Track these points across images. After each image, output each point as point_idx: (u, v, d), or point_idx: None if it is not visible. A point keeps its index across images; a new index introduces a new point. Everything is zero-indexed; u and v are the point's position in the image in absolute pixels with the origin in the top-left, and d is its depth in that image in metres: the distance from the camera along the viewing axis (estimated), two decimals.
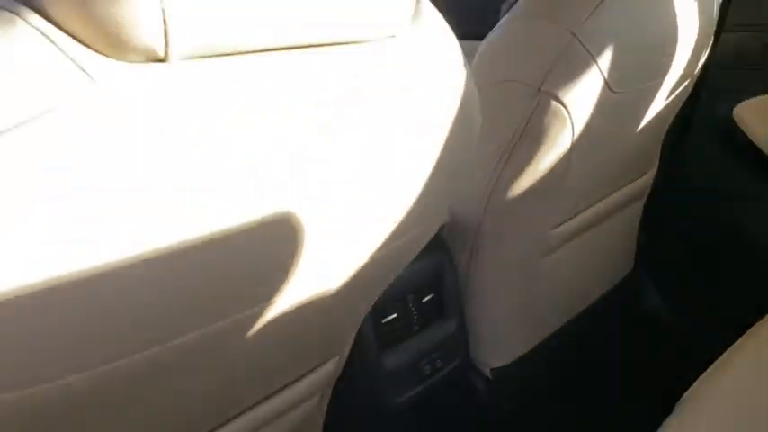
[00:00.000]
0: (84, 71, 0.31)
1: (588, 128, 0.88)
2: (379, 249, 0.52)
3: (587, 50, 0.83)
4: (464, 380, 1.06)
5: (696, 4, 1.00)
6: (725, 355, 0.88)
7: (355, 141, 0.43)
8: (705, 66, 1.19)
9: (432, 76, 0.47)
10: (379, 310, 0.89)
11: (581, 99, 0.85)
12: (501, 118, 0.88)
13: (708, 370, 0.86)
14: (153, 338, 0.39)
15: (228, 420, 0.61)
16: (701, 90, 1.29)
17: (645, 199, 1.28)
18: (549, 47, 0.83)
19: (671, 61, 0.97)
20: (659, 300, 1.40)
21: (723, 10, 1.27)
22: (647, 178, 1.24)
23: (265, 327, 0.48)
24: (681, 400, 0.82)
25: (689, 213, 1.38)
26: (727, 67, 1.30)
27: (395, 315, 0.91)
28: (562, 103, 0.84)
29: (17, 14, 0.31)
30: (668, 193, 1.35)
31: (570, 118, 0.85)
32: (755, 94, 1.28)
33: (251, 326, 0.47)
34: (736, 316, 0.99)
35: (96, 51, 0.31)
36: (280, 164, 0.38)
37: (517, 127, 0.87)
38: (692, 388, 0.83)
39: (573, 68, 0.83)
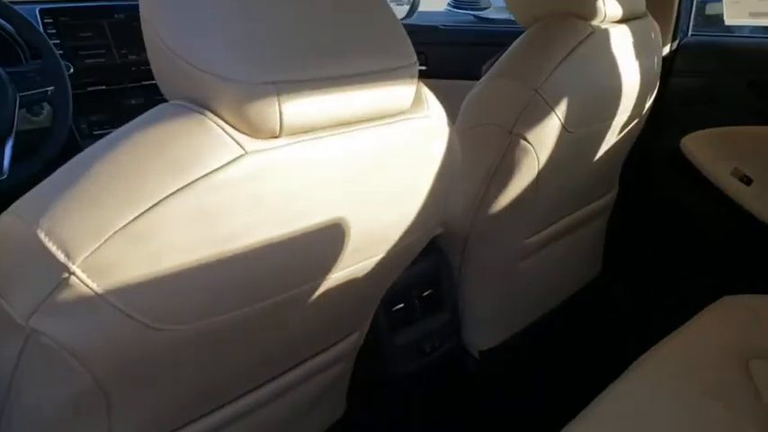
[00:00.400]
0: (238, 144, 0.57)
1: (550, 160, 1.15)
2: (393, 247, 0.78)
3: (546, 102, 1.09)
4: (457, 359, 1.32)
5: (639, 59, 1.27)
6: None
7: (381, 179, 0.69)
8: (655, 105, 1.46)
9: (428, 138, 0.74)
10: (389, 301, 1.15)
11: (543, 138, 1.12)
12: (483, 152, 1.15)
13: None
14: (258, 296, 0.66)
15: (281, 374, 0.87)
16: (655, 125, 1.56)
17: (608, 214, 1.55)
18: (517, 100, 1.11)
19: (618, 106, 1.24)
20: (624, 295, 1.66)
21: (670, 59, 1.55)
22: (609, 198, 1.50)
23: (314, 299, 0.75)
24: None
25: (647, 225, 1.65)
26: (675, 106, 1.57)
27: (402, 305, 1.17)
28: (529, 142, 1.11)
29: (202, 113, 0.58)
30: (630, 209, 1.62)
31: (536, 153, 1.12)
32: (699, 129, 1.55)
33: (305, 298, 0.73)
34: (687, 306, 1.24)
35: (243, 132, 0.58)
36: (341, 199, 0.65)
37: (495, 159, 1.14)
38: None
39: (536, 115, 1.10)
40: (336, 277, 0.73)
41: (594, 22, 1.16)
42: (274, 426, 0.92)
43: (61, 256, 0.53)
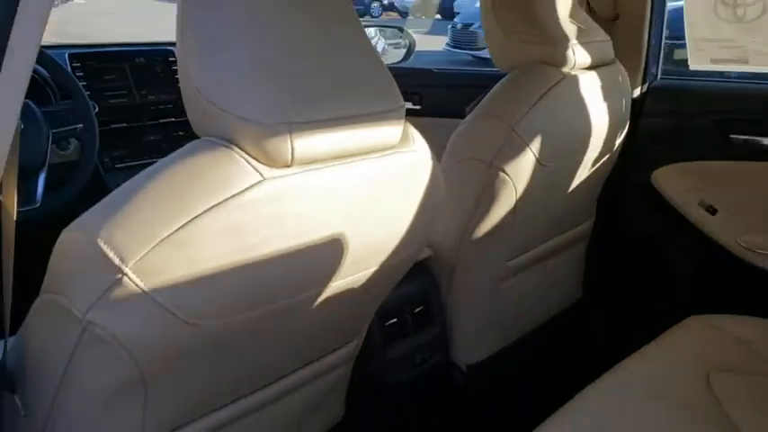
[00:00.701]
0: (258, 172, 0.71)
1: (527, 190, 1.29)
2: (386, 261, 0.92)
3: (522, 138, 1.24)
4: (447, 372, 1.44)
5: (607, 101, 1.42)
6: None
7: (375, 203, 0.83)
8: (627, 142, 1.61)
9: (415, 172, 0.88)
10: (384, 316, 1.28)
11: (520, 171, 1.26)
12: (467, 183, 1.29)
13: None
14: (273, 298, 0.79)
15: (288, 374, 0.99)
16: (627, 161, 1.71)
17: (586, 242, 1.68)
18: (496, 136, 1.25)
19: (589, 142, 1.38)
20: (602, 317, 1.79)
21: (640, 101, 1.71)
22: (586, 227, 1.64)
23: (319, 304, 0.88)
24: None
25: (622, 253, 1.78)
26: (646, 143, 1.72)
27: (395, 319, 1.30)
28: (507, 174, 1.25)
29: (229, 147, 0.72)
30: (606, 238, 1.76)
31: (513, 183, 1.26)
32: (668, 164, 1.69)
33: (311, 302, 0.86)
34: (659, 326, 1.36)
35: (261, 163, 0.72)
36: (341, 219, 0.79)
37: (478, 190, 1.28)
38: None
39: (513, 150, 1.24)
40: (337, 285, 0.87)
41: (565, 69, 1.31)
42: (280, 424, 1.04)
43: (116, 260, 0.66)
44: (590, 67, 1.38)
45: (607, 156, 1.50)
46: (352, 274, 0.88)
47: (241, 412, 0.94)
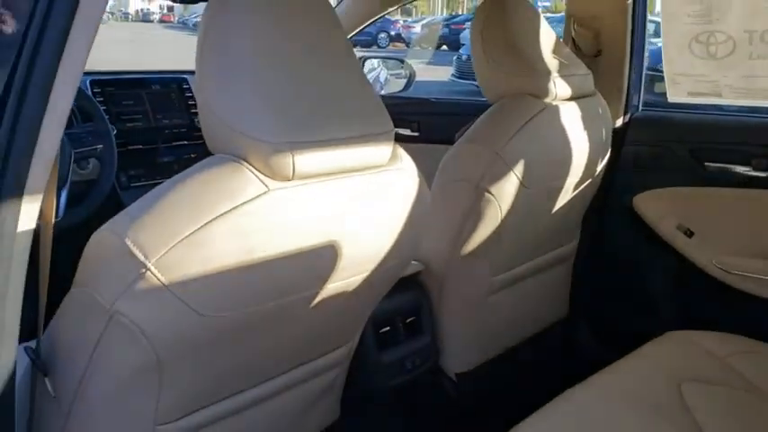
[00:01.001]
0: (264, 183, 0.82)
1: (511, 210, 1.40)
2: (375, 269, 1.02)
3: (506, 162, 1.35)
4: (437, 380, 1.54)
5: (588, 130, 1.53)
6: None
7: (367, 220, 0.94)
8: (610, 169, 1.72)
9: (402, 188, 0.99)
10: (377, 324, 1.38)
11: (504, 192, 1.37)
12: (455, 203, 1.40)
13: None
14: (274, 295, 0.90)
15: (287, 371, 1.09)
16: (611, 186, 1.82)
17: (572, 262, 1.79)
18: (482, 160, 1.36)
19: (570, 168, 1.49)
20: (588, 335, 1.88)
21: (623, 130, 1.82)
22: (570, 247, 1.75)
23: (315, 305, 0.98)
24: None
25: (605, 272, 1.88)
26: (628, 170, 1.83)
27: (388, 328, 1.41)
28: (492, 195, 1.36)
29: (239, 162, 0.83)
30: (591, 258, 1.86)
31: (498, 204, 1.37)
32: (648, 189, 1.80)
33: (308, 302, 0.97)
34: (638, 340, 1.45)
35: (266, 176, 0.83)
36: (335, 227, 0.90)
37: (465, 209, 1.39)
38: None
39: (498, 173, 1.36)
40: (331, 288, 0.97)
41: (547, 100, 1.43)
42: (279, 419, 1.14)
43: (141, 257, 0.77)
44: (571, 99, 1.49)
45: (589, 180, 1.61)
46: (344, 278, 0.98)
47: (244, 404, 1.04)
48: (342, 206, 0.91)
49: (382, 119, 0.96)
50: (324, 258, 0.92)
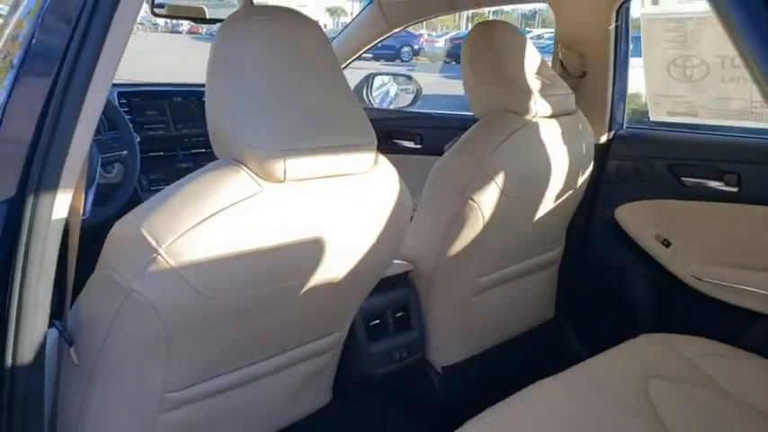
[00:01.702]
0: (259, 184, 0.97)
1: (493, 217, 1.53)
2: (361, 261, 1.16)
3: (488, 173, 1.49)
4: (423, 371, 1.67)
5: (567, 144, 1.66)
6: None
7: (350, 218, 1.09)
8: (594, 181, 1.85)
9: (382, 191, 1.14)
10: (367, 317, 1.53)
11: (486, 200, 1.50)
12: (442, 209, 1.54)
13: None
14: (267, 281, 1.04)
15: (281, 352, 1.23)
16: (594, 197, 1.94)
17: (556, 267, 1.91)
18: (467, 170, 1.50)
19: (549, 179, 1.62)
20: (571, 336, 2.01)
21: (607, 146, 1.95)
22: (555, 254, 1.88)
23: (305, 291, 1.12)
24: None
25: (588, 278, 2.01)
26: (611, 183, 1.96)
27: (378, 321, 1.55)
28: (475, 202, 1.50)
29: (238, 166, 0.98)
30: (576, 265, 1.99)
31: (481, 211, 1.51)
32: (630, 201, 1.92)
33: (299, 288, 1.10)
34: (616, 342, 1.57)
35: (261, 178, 0.98)
36: (323, 223, 1.05)
37: (451, 214, 1.53)
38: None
39: (480, 182, 1.49)
40: (317, 278, 1.12)
41: (527, 117, 1.57)
42: (275, 395, 1.28)
43: (153, 243, 0.92)
44: (551, 116, 1.63)
45: (570, 191, 1.74)
46: (329, 270, 1.13)
47: (242, 380, 1.18)
48: (327, 205, 1.06)
49: (365, 131, 1.10)
50: (310, 251, 1.07)
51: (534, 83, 1.60)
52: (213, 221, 0.94)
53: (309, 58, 1.07)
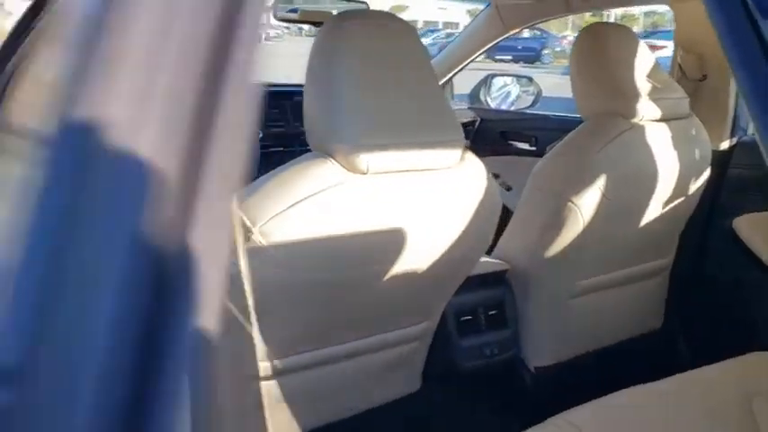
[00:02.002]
0: (344, 175, 1.04)
1: (592, 220, 1.51)
2: (442, 256, 1.20)
3: (590, 175, 1.48)
4: (515, 370, 1.68)
5: (677, 150, 1.60)
6: None
7: (432, 212, 1.13)
8: (712, 190, 1.77)
9: (466, 187, 1.17)
10: (459, 313, 1.55)
11: (586, 202, 1.49)
12: (540, 209, 1.55)
13: None
14: (348, 266, 1.11)
15: (364, 337, 1.29)
16: (712, 207, 1.86)
17: (666, 276, 1.84)
18: (568, 172, 1.50)
19: (655, 185, 1.58)
20: (681, 349, 1.93)
21: (728, 153, 1.86)
22: (664, 262, 1.81)
23: (386, 279, 1.17)
24: None
25: (706, 290, 1.91)
26: (732, 191, 1.86)
27: (470, 317, 1.57)
28: (575, 204, 1.49)
29: (326, 158, 1.06)
30: (691, 276, 1.91)
31: (580, 213, 1.50)
32: (753, 211, 1.82)
33: (380, 275, 1.16)
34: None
35: (347, 169, 1.05)
36: (404, 214, 1.10)
37: (548, 215, 1.53)
38: None
39: (581, 185, 1.48)
40: (399, 266, 1.17)
41: (634, 120, 1.54)
42: (362, 377, 1.35)
43: (248, 223, 1.02)
44: (661, 120, 1.58)
45: (681, 199, 1.68)
46: (410, 261, 1.18)
47: (330, 358, 1.26)
48: (408, 198, 1.11)
49: (453, 129, 1.15)
50: (389, 240, 1.13)
51: (644, 86, 1.56)
52: (300, 206, 1.02)
53: (402, 59, 1.13)
